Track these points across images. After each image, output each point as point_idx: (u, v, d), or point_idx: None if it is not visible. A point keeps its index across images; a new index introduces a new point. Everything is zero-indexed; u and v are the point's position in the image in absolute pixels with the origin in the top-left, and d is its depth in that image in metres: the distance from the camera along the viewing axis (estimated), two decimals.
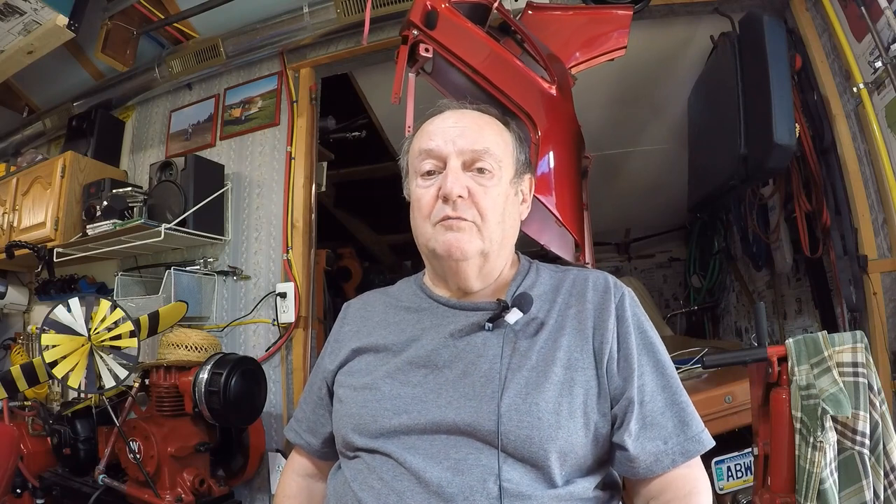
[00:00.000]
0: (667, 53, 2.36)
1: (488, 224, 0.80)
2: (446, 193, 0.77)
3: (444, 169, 0.80)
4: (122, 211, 2.20)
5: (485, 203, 0.79)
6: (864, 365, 1.15)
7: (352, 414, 0.79)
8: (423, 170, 0.82)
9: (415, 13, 1.33)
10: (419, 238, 0.84)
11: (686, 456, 0.74)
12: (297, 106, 2.32)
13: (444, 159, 0.80)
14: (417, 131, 0.87)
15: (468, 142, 0.80)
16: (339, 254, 3.42)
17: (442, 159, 0.81)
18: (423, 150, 0.82)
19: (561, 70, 1.51)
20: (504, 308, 0.78)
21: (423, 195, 0.81)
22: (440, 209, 0.79)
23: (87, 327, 1.60)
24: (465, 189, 0.78)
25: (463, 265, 0.81)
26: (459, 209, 0.78)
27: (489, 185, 0.80)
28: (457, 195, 0.77)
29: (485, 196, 0.79)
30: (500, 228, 0.81)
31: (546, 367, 0.74)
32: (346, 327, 0.92)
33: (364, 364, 0.83)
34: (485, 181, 0.80)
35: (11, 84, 2.79)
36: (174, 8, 2.42)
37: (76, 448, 1.88)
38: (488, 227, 0.80)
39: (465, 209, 0.78)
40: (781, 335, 2.86)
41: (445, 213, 0.78)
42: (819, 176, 1.89)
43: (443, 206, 0.79)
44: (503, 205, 0.82)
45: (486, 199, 0.79)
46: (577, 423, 0.72)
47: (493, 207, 0.80)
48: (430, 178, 0.82)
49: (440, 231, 0.80)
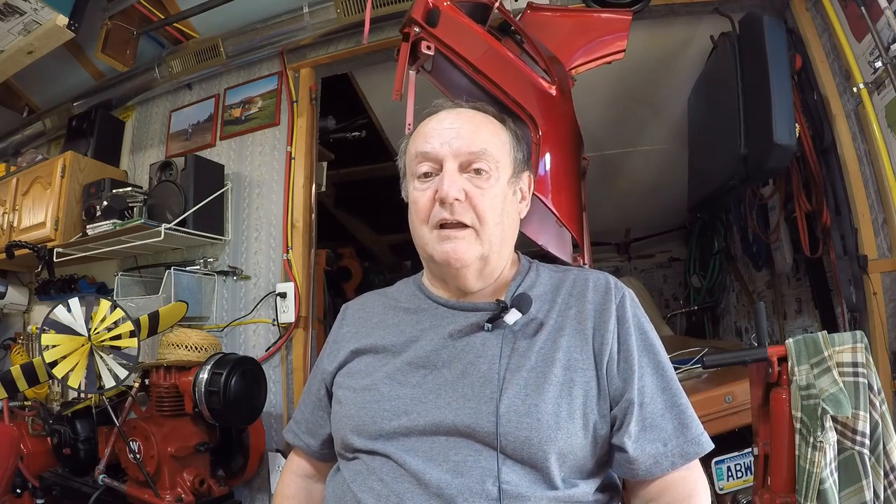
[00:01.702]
0: (667, 53, 2.36)
1: (487, 226, 0.79)
2: (442, 197, 0.77)
3: (441, 171, 0.79)
4: (122, 211, 2.20)
5: (482, 205, 0.78)
6: (864, 365, 1.15)
7: (351, 415, 0.78)
8: (419, 172, 0.81)
9: (416, 10, 1.32)
10: (417, 241, 0.84)
11: (685, 458, 0.73)
12: (297, 106, 2.32)
13: (440, 161, 0.79)
14: (413, 133, 0.86)
15: (464, 143, 0.79)
16: (339, 254, 3.42)
17: (438, 162, 0.80)
18: (419, 153, 0.81)
19: (561, 71, 1.51)
20: (503, 309, 0.77)
21: (420, 198, 0.81)
22: (437, 212, 0.78)
23: (87, 327, 1.60)
24: (462, 192, 0.77)
25: (463, 271, 0.80)
26: (457, 212, 0.77)
27: (486, 187, 0.79)
28: (453, 198, 0.77)
29: (482, 198, 0.78)
30: (498, 229, 0.81)
31: (545, 368, 0.74)
32: (345, 328, 0.92)
33: (363, 365, 0.83)
34: (482, 183, 0.79)
35: (11, 84, 2.79)
36: (174, 8, 2.42)
37: (76, 448, 1.88)
38: (487, 229, 0.79)
39: (462, 212, 0.78)
40: (781, 335, 2.85)
41: (442, 216, 0.78)
42: (819, 176, 1.88)
43: (440, 209, 0.78)
44: (501, 205, 0.81)
45: (484, 201, 0.78)
46: (576, 425, 0.72)
47: (492, 209, 0.79)
48: (427, 180, 0.81)
49: (438, 239, 0.79)
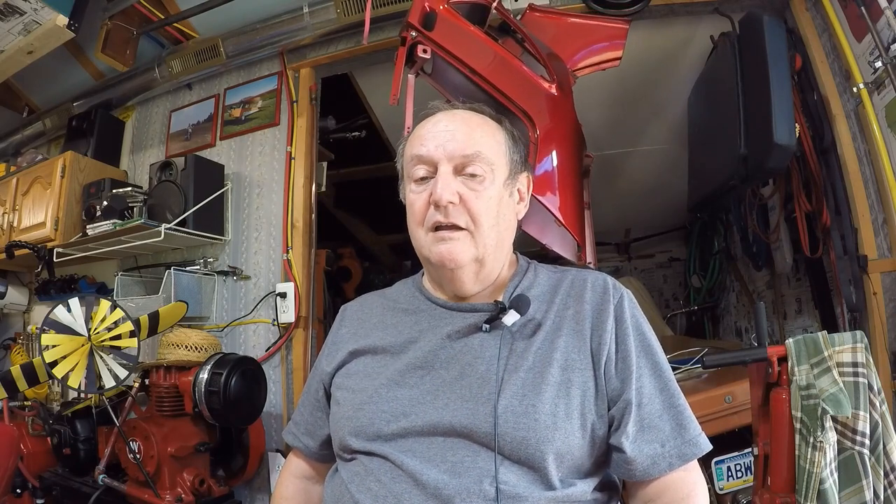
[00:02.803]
0: (667, 53, 2.36)
1: (481, 229, 0.79)
2: (436, 200, 0.77)
3: (436, 174, 0.80)
4: (122, 211, 2.20)
5: (477, 208, 0.78)
6: (864, 365, 1.15)
7: (349, 416, 0.78)
8: (415, 175, 0.82)
9: (413, 14, 1.33)
10: (415, 243, 0.85)
11: (683, 459, 0.73)
12: (297, 106, 2.32)
13: (434, 164, 0.80)
14: (410, 135, 0.87)
15: (458, 146, 0.79)
16: (339, 254, 3.42)
17: (433, 164, 0.80)
18: (414, 156, 0.82)
19: (561, 68, 1.51)
20: (501, 310, 0.77)
21: (416, 201, 0.81)
22: (432, 215, 0.79)
23: (87, 327, 1.60)
24: (456, 195, 0.78)
25: (458, 273, 0.81)
26: (451, 215, 0.78)
27: (481, 190, 0.79)
28: (447, 201, 0.77)
29: (477, 201, 0.79)
30: (494, 232, 0.81)
31: (543, 369, 0.74)
32: (344, 329, 0.92)
33: (361, 366, 0.83)
34: (476, 185, 0.79)
35: (11, 84, 2.79)
36: (174, 8, 2.42)
37: (76, 448, 1.88)
38: (481, 232, 0.79)
39: (457, 215, 0.78)
40: (781, 335, 2.85)
41: (437, 219, 0.78)
42: (819, 176, 1.88)
43: (434, 212, 0.79)
44: (496, 207, 0.81)
45: (479, 204, 0.79)
46: (573, 425, 0.72)
47: (486, 212, 0.79)
48: (423, 183, 0.81)
49: (433, 241, 0.80)
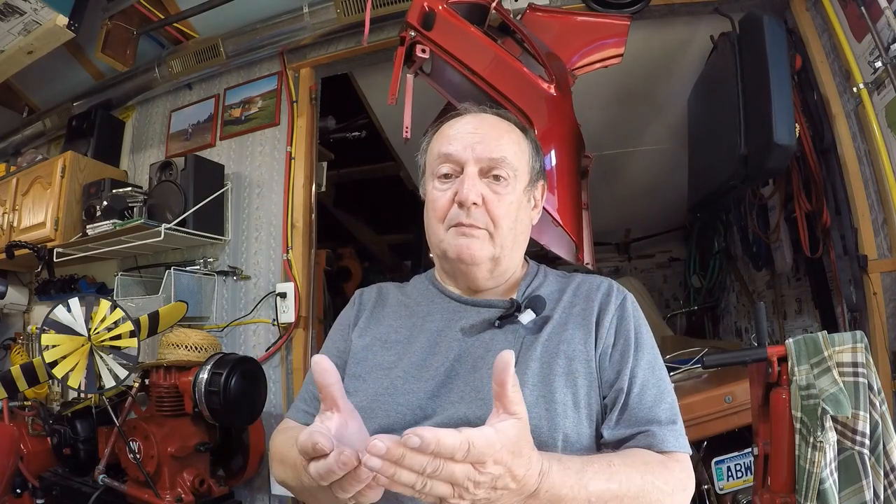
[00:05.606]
0: (667, 53, 2.36)
1: (500, 231, 0.81)
2: (462, 200, 0.79)
3: (461, 174, 0.82)
4: (122, 211, 2.20)
5: (498, 211, 0.81)
6: (864, 365, 1.15)
7: (363, 407, 0.78)
8: (440, 172, 0.84)
9: (412, 14, 1.33)
10: (431, 238, 0.86)
11: (662, 445, 0.72)
12: (297, 106, 2.32)
13: (461, 164, 0.82)
14: (436, 133, 0.89)
15: (486, 150, 0.82)
16: (339, 254, 3.42)
17: (459, 164, 0.82)
18: (441, 154, 0.84)
19: (560, 68, 1.51)
20: (517, 308, 0.80)
21: (440, 198, 0.83)
22: (455, 214, 0.81)
23: (87, 327, 1.60)
24: (480, 196, 0.80)
25: (473, 269, 0.83)
26: (473, 216, 0.80)
27: (503, 193, 0.82)
28: (472, 202, 0.79)
29: (498, 204, 0.81)
30: (511, 234, 0.83)
31: (551, 360, 0.76)
32: (358, 314, 0.92)
33: (373, 356, 0.84)
34: (499, 189, 0.82)
35: (11, 84, 2.79)
36: (174, 8, 2.42)
37: (76, 448, 1.88)
38: (500, 233, 0.81)
39: (478, 216, 0.80)
40: (781, 335, 2.85)
41: (459, 219, 0.80)
42: (819, 176, 1.88)
43: (458, 211, 0.81)
44: (515, 212, 0.83)
45: (500, 207, 0.81)
46: (581, 414, 0.74)
47: (506, 215, 0.82)
48: (447, 181, 0.83)
49: (453, 235, 0.82)
